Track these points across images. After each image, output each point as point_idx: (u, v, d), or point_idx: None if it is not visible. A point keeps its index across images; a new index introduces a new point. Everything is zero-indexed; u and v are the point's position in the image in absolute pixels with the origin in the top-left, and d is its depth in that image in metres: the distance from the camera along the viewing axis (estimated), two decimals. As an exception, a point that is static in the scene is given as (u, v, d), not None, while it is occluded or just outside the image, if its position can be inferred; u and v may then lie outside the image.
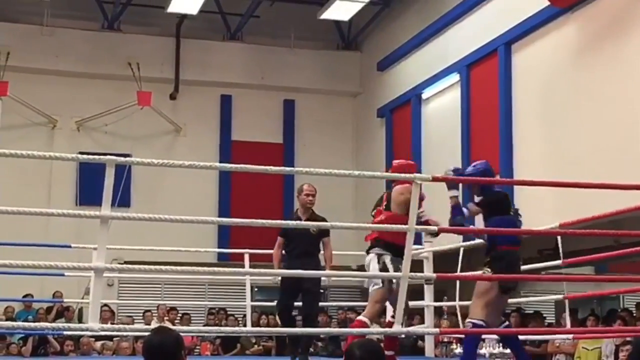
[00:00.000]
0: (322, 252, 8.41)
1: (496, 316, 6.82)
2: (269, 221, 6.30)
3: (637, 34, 10.51)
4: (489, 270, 6.61)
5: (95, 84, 16.65)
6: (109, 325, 10.03)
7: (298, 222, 7.78)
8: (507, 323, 7.25)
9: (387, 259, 6.87)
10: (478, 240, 9.30)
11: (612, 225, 9.05)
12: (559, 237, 7.89)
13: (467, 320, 6.74)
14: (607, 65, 10.95)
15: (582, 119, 11.32)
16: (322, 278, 8.47)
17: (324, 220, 8.03)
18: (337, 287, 16.97)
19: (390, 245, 6.86)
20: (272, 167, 6.07)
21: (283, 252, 8.40)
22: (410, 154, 15.50)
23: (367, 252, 7.08)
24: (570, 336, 9.42)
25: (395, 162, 7.40)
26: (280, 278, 8.29)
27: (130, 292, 16.02)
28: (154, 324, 12.28)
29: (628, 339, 9.42)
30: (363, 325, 6.88)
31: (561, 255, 7.86)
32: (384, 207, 7.09)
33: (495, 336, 10.51)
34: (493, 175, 7.15)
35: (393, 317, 6.52)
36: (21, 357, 11.98)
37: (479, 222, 7.06)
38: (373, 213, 7.22)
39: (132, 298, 15.69)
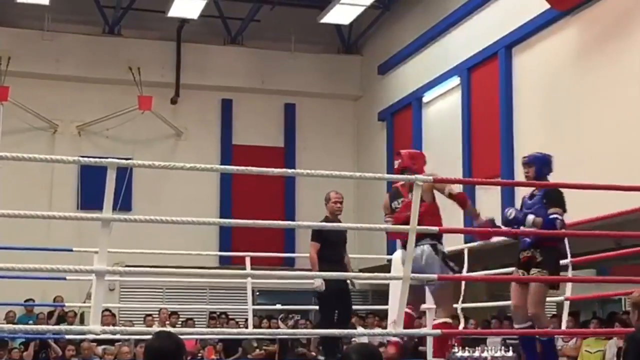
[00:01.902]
0: None
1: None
2: (270, 222, 6.31)
3: (638, 36, 10.51)
4: (545, 272, 6.73)
5: (96, 88, 16.66)
6: (110, 328, 10.00)
7: (332, 224, 7.80)
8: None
9: (442, 247, 6.82)
10: (480, 242, 9.28)
11: (613, 227, 9.03)
12: (565, 239, 7.87)
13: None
14: (608, 68, 10.95)
15: (583, 122, 11.32)
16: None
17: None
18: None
19: (437, 235, 6.77)
20: (273, 169, 6.08)
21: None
22: (411, 158, 15.50)
23: (406, 247, 6.65)
24: (572, 338, 9.41)
25: (404, 151, 7.19)
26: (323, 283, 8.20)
27: (132, 296, 16.02)
28: (155, 328, 12.26)
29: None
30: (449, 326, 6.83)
31: (568, 254, 7.87)
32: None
33: (498, 339, 10.52)
34: (550, 164, 7.16)
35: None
36: (23, 362, 11.98)
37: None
38: (399, 206, 7.02)
39: (133, 302, 15.70)
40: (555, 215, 6.70)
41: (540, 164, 7.09)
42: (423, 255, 6.68)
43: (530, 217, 6.82)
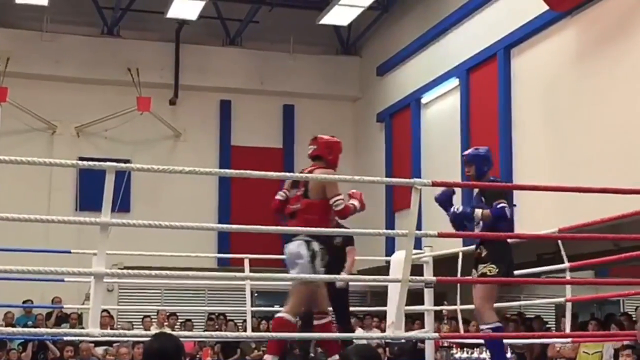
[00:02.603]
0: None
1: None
2: (268, 227, 6.30)
3: (637, 37, 10.52)
4: (493, 266, 6.61)
5: (95, 89, 16.67)
6: (108, 331, 10.02)
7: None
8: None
9: (316, 246, 6.56)
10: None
11: (612, 230, 9.04)
12: (559, 241, 7.87)
13: (483, 327, 6.73)
14: (607, 69, 10.96)
15: (581, 123, 11.33)
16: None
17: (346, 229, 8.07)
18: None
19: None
20: (271, 173, 6.07)
21: None
22: (409, 159, 15.52)
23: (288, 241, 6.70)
24: (569, 340, 9.41)
25: (322, 138, 7.04)
26: None
27: (130, 297, 16.01)
28: (154, 330, 12.27)
29: (626, 343, 9.42)
30: (287, 323, 6.52)
31: (565, 259, 7.85)
32: (303, 193, 6.76)
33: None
34: (490, 161, 7.10)
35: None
36: (21, 363, 11.98)
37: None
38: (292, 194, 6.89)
39: (132, 304, 15.69)
40: (502, 205, 6.66)
41: (480, 162, 7.03)
42: (294, 250, 6.58)
43: (478, 211, 6.80)
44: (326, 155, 6.91)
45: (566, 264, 7.86)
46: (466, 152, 7.25)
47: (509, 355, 9.83)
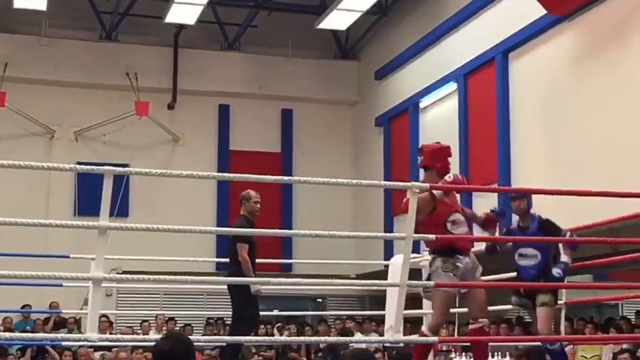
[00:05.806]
0: None
1: None
2: (267, 230, 6.31)
3: (635, 41, 10.54)
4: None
5: (93, 94, 16.67)
6: (107, 335, 9.99)
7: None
8: None
9: (438, 261, 6.72)
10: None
11: (610, 233, 9.03)
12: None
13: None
14: (605, 73, 10.97)
15: (580, 127, 11.34)
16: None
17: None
18: (336, 297, 16.95)
19: (440, 249, 6.73)
20: (270, 177, 6.07)
21: None
22: (408, 163, 15.52)
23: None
24: (565, 343, 9.40)
25: (427, 146, 7.10)
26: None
27: (129, 302, 15.99)
28: (152, 334, 12.25)
29: (624, 346, 9.42)
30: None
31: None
32: None
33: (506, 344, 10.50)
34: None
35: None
36: (19, 368, 11.95)
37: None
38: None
39: (130, 308, 15.67)
40: None
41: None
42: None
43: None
44: (434, 163, 6.91)
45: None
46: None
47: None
